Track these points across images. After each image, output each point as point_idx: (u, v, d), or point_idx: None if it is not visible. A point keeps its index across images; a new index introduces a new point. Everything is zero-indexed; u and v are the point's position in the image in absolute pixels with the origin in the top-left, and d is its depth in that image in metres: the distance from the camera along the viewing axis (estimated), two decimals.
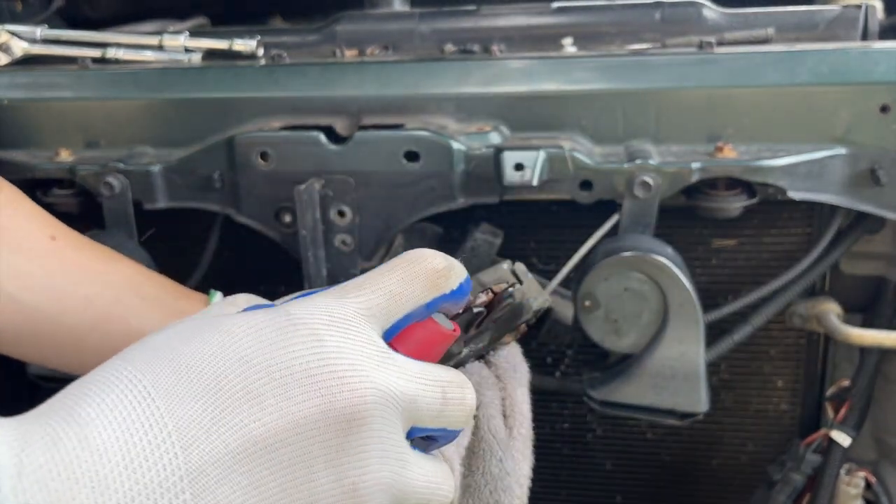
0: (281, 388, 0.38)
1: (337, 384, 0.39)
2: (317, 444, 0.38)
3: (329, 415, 0.39)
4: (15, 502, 0.31)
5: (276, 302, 0.52)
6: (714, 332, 0.83)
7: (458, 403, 0.46)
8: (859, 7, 0.89)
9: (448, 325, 0.49)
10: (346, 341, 0.41)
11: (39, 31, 0.92)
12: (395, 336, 0.46)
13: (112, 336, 0.64)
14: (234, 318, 0.41)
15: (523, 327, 0.68)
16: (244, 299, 0.61)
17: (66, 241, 0.64)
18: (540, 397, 0.98)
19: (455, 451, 0.60)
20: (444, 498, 0.47)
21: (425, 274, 0.46)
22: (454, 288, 0.47)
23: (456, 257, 0.79)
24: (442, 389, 0.45)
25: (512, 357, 0.69)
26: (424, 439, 0.47)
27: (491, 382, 0.67)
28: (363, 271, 0.68)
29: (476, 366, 0.66)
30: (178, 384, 0.36)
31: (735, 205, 0.74)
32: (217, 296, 0.68)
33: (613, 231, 0.75)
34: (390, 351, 0.43)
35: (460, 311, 0.51)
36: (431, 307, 0.46)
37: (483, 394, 0.66)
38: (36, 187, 0.85)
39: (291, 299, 0.51)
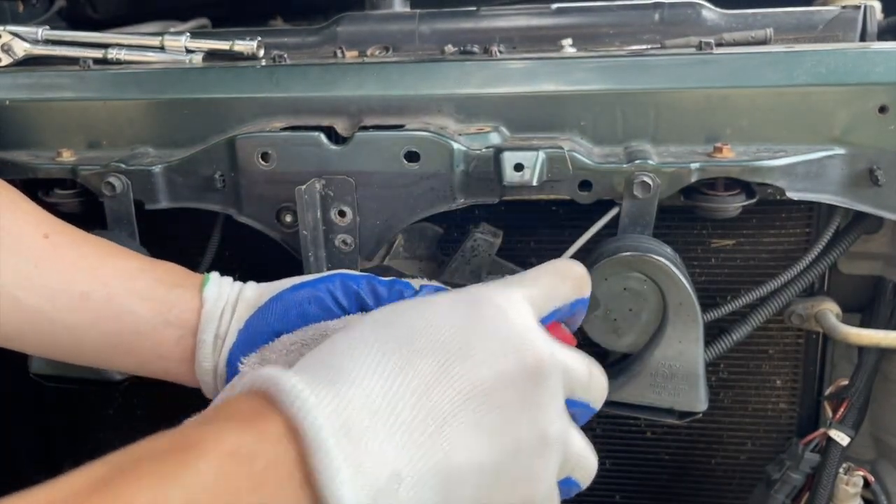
0: (486, 347, 0.47)
1: (525, 346, 0.48)
2: (517, 392, 0.47)
3: (522, 369, 0.47)
4: (328, 428, 0.40)
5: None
6: (713, 332, 0.83)
7: (598, 381, 0.55)
8: (858, 8, 0.89)
9: (571, 333, 0.59)
10: (521, 316, 0.50)
11: (41, 32, 0.92)
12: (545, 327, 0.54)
13: (109, 335, 0.65)
14: (429, 299, 0.51)
15: None
16: (251, 288, 0.67)
17: (61, 238, 0.65)
18: None
19: None
20: (594, 467, 0.55)
21: (573, 276, 0.56)
22: (588, 294, 0.58)
23: (456, 257, 0.80)
24: (587, 366, 0.53)
25: None
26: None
27: None
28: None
29: None
30: (408, 343, 0.46)
31: (734, 205, 0.75)
32: (211, 278, 0.68)
33: (613, 227, 0.75)
34: (548, 332, 0.52)
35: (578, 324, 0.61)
36: (574, 307, 0.57)
37: None
38: (38, 188, 0.85)
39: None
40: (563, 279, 0.56)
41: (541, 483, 0.49)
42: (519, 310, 0.50)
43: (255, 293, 0.67)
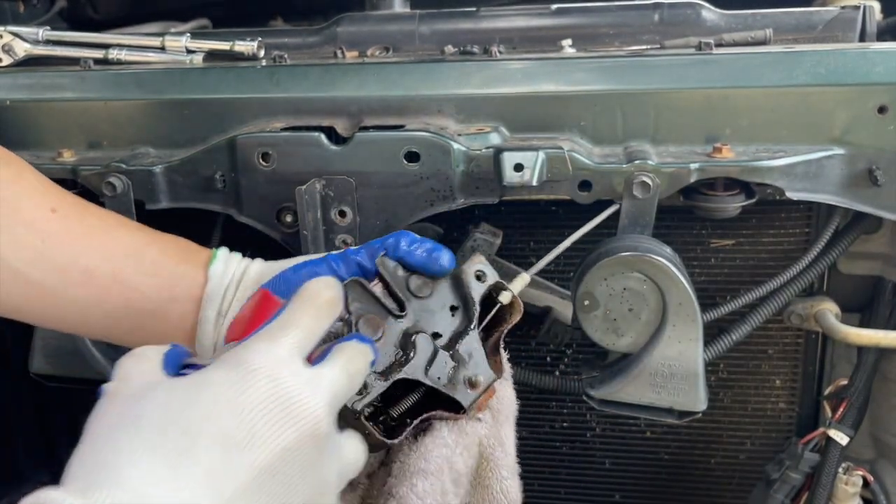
0: (266, 429, 0.47)
1: (300, 414, 0.49)
2: (299, 461, 0.48)
3: (302, 439, 0.48)
4: None
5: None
6: (712, 332, 0.83)
7: (358, 374, 0.56)
8: (857, 8, 0.90)
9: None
10: (292, 380, 0.50)
11: (42, 33, 0.92)
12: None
13: (115, 310, 0.65)
14: (202, 377, 0.49)
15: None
16: (257, 266, 0.69)
17: (68, 212, 0.65)
18: (539, 396, 0.98)
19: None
20: (362, 459, 0.57)
21: (325, 304, 0.56)
22: (342, 312, 0.59)
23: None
24: (348, 374, 0.54)
25: (506, 395, 0.69)
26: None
27: (496, 436, 0.67)
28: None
29: (480, 425, 0.67)
30: (187, 431, 0.45)
31: (733, 205, 0.75)
32: (219, 255, 0.68)
33: (612, 227, 0.75)
34: (314, 369, 0.52)
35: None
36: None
37: (490, 453, 0.67)
38: None
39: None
40: (319, 312, 0.56)
41: None
42: (288, 370, 0.50)
43: (259, 271, 0.67)
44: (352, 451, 0.56)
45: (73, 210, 0.66)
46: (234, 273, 0.67)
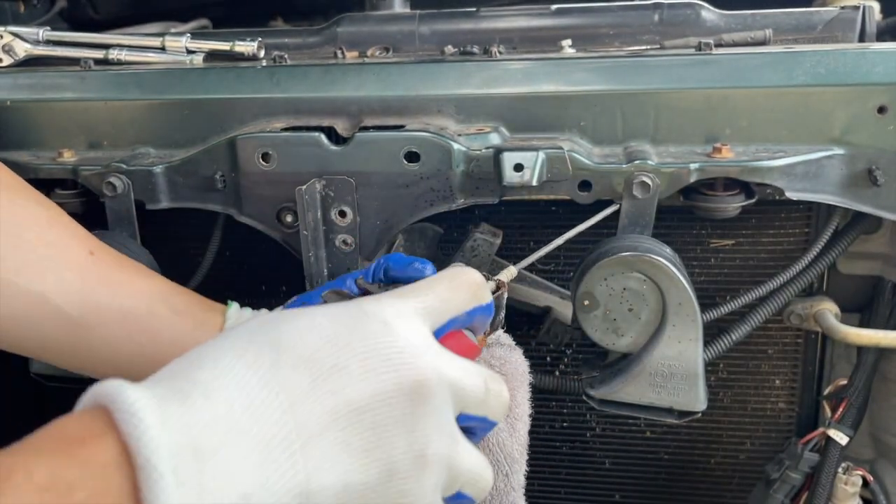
0: (363, 362, 0.45)
1: (406, 362, 0.46)
2: (394, 411, 0.45)
3: (402, 387, 0.45)
4: (165, 448, 0.36)
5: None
6: (712, 332, 0.83)
7: (497, 394, 0.53)
8: (857, 8, 0.90)
9: (475, 340, 0.57)
10: (409, 331, 0.48)
11: (42, 33, 0.92)
12: (440, 339, 0.52)
13: (145, 347, 0.66)
14: (313, 309, 0.48)
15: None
16: (266, 312, 0.68)
17: (103, 255, 0.68)
18: (539, 396, 0.98)
19: None
20: (488, 482, 0.53)
21: (468, 285, 0.55)
22: (488, 301, 0.56)
23: (456, 257, 0.80)
24: (484, 381, 0.51)
25: (514, 360, 0.70)
26: (465, 433, 0.52)
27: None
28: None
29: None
30: (279, 356, 0.43)
31: (733, 205, 0.75)
32: (234, 305, 0.70)
33: (612, 227, 0.75)
34: (439, 345, 0.50)
35: (486, 330, 0.59)
36: (471, 315, 0.55)
37: None
38: (39, 188, 0.85)
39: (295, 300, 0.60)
40: (459, 288, 0.54)
41: (417, 503, 0.47)
42: (407, 324, 0.48)
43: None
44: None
45: (107, 254, 0.68)
46: (247, 317, 0.69)
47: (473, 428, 0.52)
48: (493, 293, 0.65)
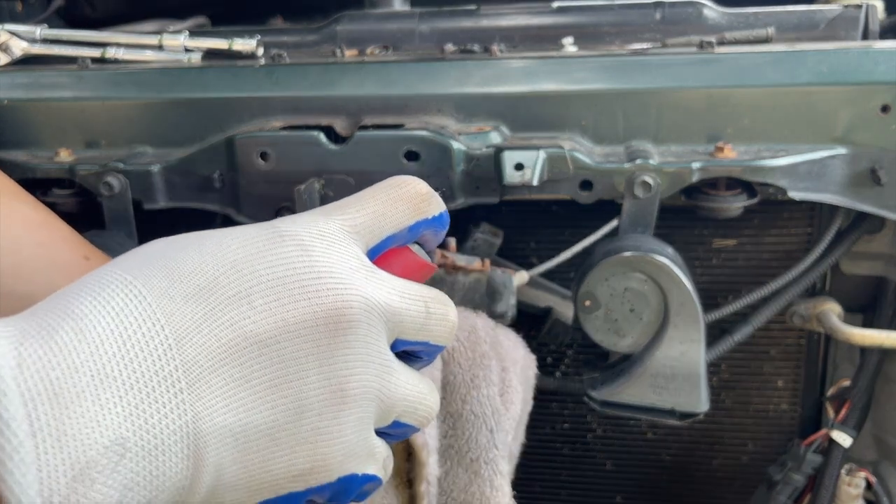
0: (271, 290, 0.40)
1: (324, 289, 0.41)
2: (305, 344, 0.40)
3: (316, 317, 0.40)
4: (17, 392, 0.32)
5: None
6: (714, 332, 0.83)
7: (440, 318, 0.47)
8: (860, 7, 0.89)
9: (426, 258, 0.50)
10: (331, 252, 0.43)
11: (39, 31, 0.91)
12: (378, 257, 0.47)
13: None
14: (225, 231, 0.43)
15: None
16: None
17: (98, 260, 0.66)
18: (540, 397, 0.98)
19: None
20: (430, 408, 0.48)
21: (409, 196, 0.48)
22: (435, 214, 0.49)
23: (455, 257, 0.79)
24: (424, 303, 0.46)
25: (514, 340, 0.69)
26: (408, 356, 0.48)
27: (491, 354, 0.67)
28: None
29: (478, 318, 0.65)
30: (171, 286, 0.38)
31: (735, 205, 0.74)
32: None
33: (613, 231, 0.75)
34: (373, 266, 0.45)
35: (438, 247, 0.53)
36: (414, 230, 0.48)
37: (483, 363, 0.65)
38: (36, 187, 0.84)
39: None
40: (397, 200, 0.47)
41: (339, 442, 0.42)
42: (328, 246, 0.43)
43: None
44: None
45: (102, 259, 0.66)
46: None
47: (417, 352, 0.48)
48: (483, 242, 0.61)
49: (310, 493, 0.42)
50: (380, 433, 0.47)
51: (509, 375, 0.68)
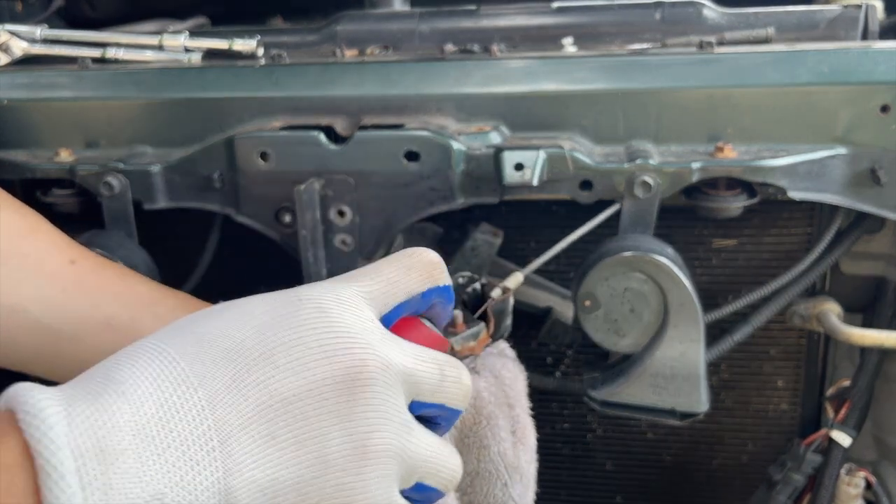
0: (292, 351, 0.43)
1: (341, 349, 0.43)
2: (326, 402, 0.42)
3: (335, 376, 0.43)
4: (68, 448, 0.36)
5: None
6: (714, 332, 0.83)
7: (454, 380, 0.49)
8: (859, 7, 0.89)
9: (437, 331, 0.53)
10: (348, 315, 0.45)
11: (39, 31, 0.91)
12: (392, 326, 0.49)
13: None
14: (250, 298, 0.46)
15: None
16: None
17: (86, 263, 0.66)
18: (540, 397, 0.98)
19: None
20: (453, 472, 0.50)
21: (420, 264, 0.50)
22: (447, 283, 0.52)
23: (456, 257, 0.80)
24: (439, 366, 0.48)
25: (512, 370, 0.70)
26: (427, 422, 0.50)
27: (497, 413, 0.68)
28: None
29: (480, 379, 0.67)
30: (201, 350, 0.42)
31: (735, 205, 0.74)
32: None
33: (614, 227, 0.75)
34: (387, 330, 0.47)
35: (448, 323, 0.56)
36: (426, 297, 0.51)
37: (490, 423, 0.67)
38: (36, 187, 0.85)
39: None
40: (410, 268, 0.50)
41: (362, 496, 0.44)
42: (345, 310, 0.45)
43: None
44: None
45: (90, 262, 0.66)
46: None
47: (435, 417, 0.50)
48: (498, 298, 0.65)
49: None
50: (405, 497, 0.48)
51: (516, 412, 0.70)
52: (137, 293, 0.66)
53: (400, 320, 0.50)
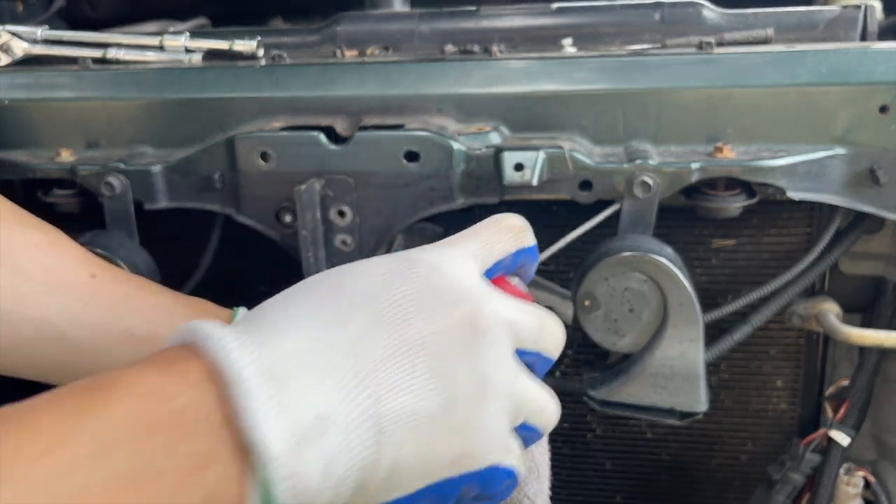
0: (418, 301, 0.48)
1: (459, 299, 0.49)
2: (454, 344, 0.47)
3: (456, 322, 0.48)
4: (253, 373, 0.40)
5: None
6: (713, 332, 0.83)
7: (551, 331, 0.54)
8: (858, 7, 0.89)
9: (525, 288, 0.59)
10: (460, 271, 0.51)
11: (40, 32, 0.92)
12: (490, 282, 0.54)
13: None
14: (369, 260, 0.52)
15: None
16: None
17: (105, 276, 0.68)
18: None
19: None
20: (552, 412, 0.55)
21: (510, 228, 0.57)
22: (532, 244, 0.58)
23: None
24: (538, 318, 0.53)
25: None
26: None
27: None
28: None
29: None
30: (338, 299, 0.47)
31: (734, 205, 0.74)
32: (241, 310, 0.69)
33: (613, 227, 0.75)
34: (492, 285, 0.52)
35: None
36: (517, 258, 0.57)
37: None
38: (36, 187, 0.85)
39: None
40: (502, 231, 0.56)
41: (484, 432, 0.49)
42: (456, 266, 0.51)
43: None
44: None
45: (109, 275, 0.68)
46: None
47: (531, 364, 0.54)
48: None
49: (463, 479, 0.48)
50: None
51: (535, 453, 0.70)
52: (153, 305, 0.68)
53: (495, 278, 0.55)
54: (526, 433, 0.54)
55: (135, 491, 0.35)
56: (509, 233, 0.56)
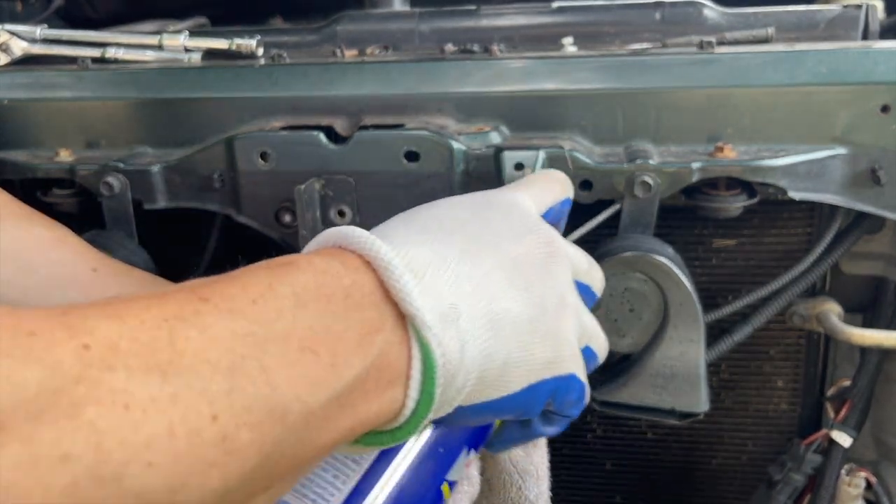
0: (504, 227, 0.54)
1: (534, 229, 0.55)
2: (539, 263, 0.53)
3: (539, 245, 0.54)
4: (400, 264, 0.45)
5: None
6: (714, 332, 0.83)
7: (597, 270, 0.62)
8: (860, 7, 0.89)
9: None
10: (525, 210, 0.57)
11: (39, 31, 0.91)
12: None
13: None
14: (449, 199, 0.57)
15: None
16: None
17: (107, 271, 0.70)
18: None
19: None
20: (605, 342, 0.61)
21: (558, 179, 0.65)
22: (572, 195, 0.66)
23: None
24: (585, 255, 0.61)
25: None
26: None
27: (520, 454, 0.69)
28: None
29: None
30: (440, 224, 0.52)
31: (735, 205, 0.74)
32: None
33: (613, 227, 0.75)
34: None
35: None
36: (564, 205, 0.64)
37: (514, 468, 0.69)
38: (36, 187, 0.85)
39: None
40: (551, 181, 0.64)
41: (566, 341, 0.54)
42: (526, 203, 0.58)
43: None
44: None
45: (111, 269, 0.70)
46: None
47: (581, 297, 0.59)
48: None
49: (553, 382, 0.53)
50: None
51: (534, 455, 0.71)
52: None
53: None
54: (587, 355, 0.59)
55: (325, 342, 0.40)
56: (557, 182, 0.65)
